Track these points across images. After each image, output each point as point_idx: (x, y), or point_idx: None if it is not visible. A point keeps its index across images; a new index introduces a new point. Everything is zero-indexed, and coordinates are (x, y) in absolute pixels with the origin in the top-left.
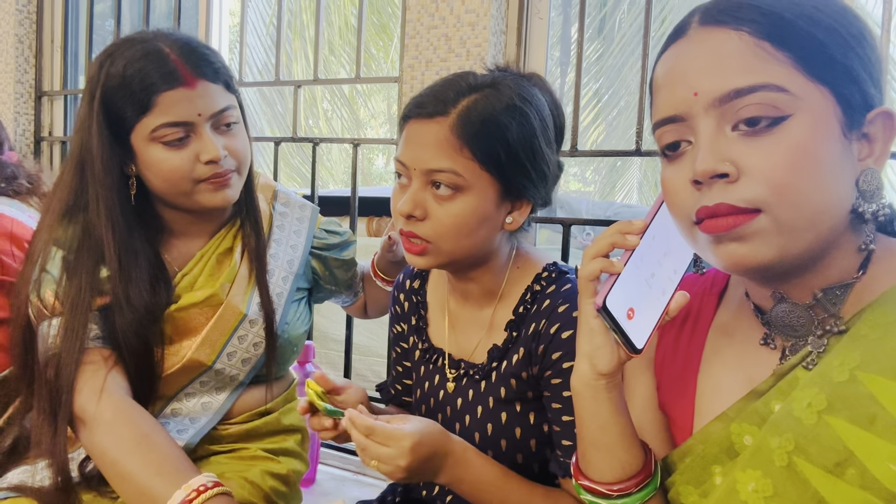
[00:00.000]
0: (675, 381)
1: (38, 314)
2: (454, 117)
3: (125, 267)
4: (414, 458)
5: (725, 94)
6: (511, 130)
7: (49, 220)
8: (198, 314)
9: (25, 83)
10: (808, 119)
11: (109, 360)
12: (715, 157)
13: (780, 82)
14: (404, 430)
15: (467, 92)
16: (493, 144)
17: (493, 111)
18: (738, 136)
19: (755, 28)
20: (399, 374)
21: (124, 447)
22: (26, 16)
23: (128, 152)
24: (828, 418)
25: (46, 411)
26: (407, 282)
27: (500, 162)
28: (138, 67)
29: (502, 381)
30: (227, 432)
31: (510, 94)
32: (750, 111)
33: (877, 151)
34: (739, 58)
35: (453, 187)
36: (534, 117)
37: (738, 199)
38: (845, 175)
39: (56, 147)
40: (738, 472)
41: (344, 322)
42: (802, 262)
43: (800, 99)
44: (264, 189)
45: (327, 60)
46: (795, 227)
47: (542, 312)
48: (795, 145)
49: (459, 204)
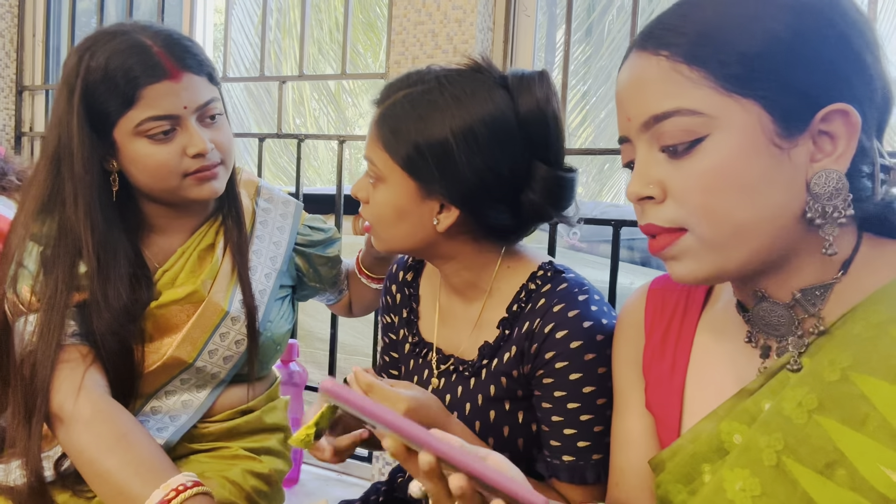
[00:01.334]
0: (662, 381)
1: (14, 310)
2: (380, 111)
3: (103, 266)
4: None
5: (647, 119)
6: (422, 131)
7: (24, 215)
8: (179, 311)
9: (6, 78)
10: (725, 138)
11: (87, 358)
12: (642, 180)
13: (692, 105)
14: (401, 394)
15: (404, 87)
16: (400, 142)
17: (411, 109)
18: (665, 158)
19: (673, 51)
20: (386, 363)
21: (102, 446)
22: (7, 10)
23: (109, 148)
24: (818, 418)
25: (22, 410)
26: (400, 273)
27: (410, 160)
28: (121, 60)
29: (492, 379)
30: (208, 430)
31: (443, 93)
32: (668, 137)
33: (839, 149)
34: (656, 83)
35: (374, 176)
36: (456, 120)
37: (663, 220)
38: (779, 183)
39: (37, 142)
40: (726, 470)
41: (329, 321)
42: (757, 269)
43: (715, 118)
44: (247, 185)
45: (316, 60)
46: (721, 243)
47: (536, 311)
48: (710, 166)
49: (379, 193)
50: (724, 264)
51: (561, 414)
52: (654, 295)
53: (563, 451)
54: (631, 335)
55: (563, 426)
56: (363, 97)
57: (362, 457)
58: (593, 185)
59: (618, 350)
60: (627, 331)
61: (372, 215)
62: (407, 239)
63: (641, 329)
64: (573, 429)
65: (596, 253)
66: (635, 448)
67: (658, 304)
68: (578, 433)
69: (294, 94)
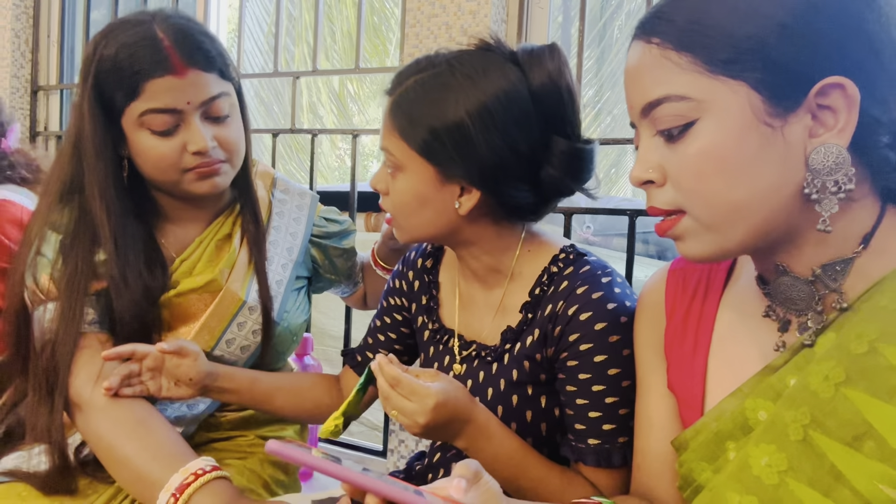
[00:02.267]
0: (684, 360)
1: (34, 298)
2: (392, 100)
3: (121, 249)
4: (434, 417)
5: (643, 107)
6: (437, 114)
7: (45, 202)
8: (197, 300)
9: (21, 78)
10: (714, 121)
11: (107, 345)
12: (642, 165)
13: (681, 91)
14: (430, 388)
15: (414, 73)
16: (416, 128)
17: (424, 94)
18: (663, 142)
19: (662, 38)
20: (370, 345)
21: (121, 432)
22: (23, 10)
23: (120, 135)
24: (846, 391)
25: (42, 394)
26: (419, 260)
27: (427, 145)
28: (130, 52)
29: (515, 364)
30: (225, 419)
31: (454, 75)
32: (662, 122)
33: (840, 123)
34: (649, 70)
35: (392, 166)
36: (471, 99)
37: (663, 203)
38: (772, 162)
39: (52, 141)
40: (752, 446)
41: (342, 318)
42: (760, 246)
43: (704, 102)
44: (263, 176)
45: (323, 63)
46: (718, 223)
47: (559, 294)
48: (700, 149)
49: (399, 182)
50: (723, 243)
51: (586, 396)
52: (675, 275)
53: (588, 434)
54: (652, 316)
55: (588, 409)
56: (371, 104)
57: (377, 451)
58: (604, 184)
59: (639, 332)
60: (648, 312)
61: (393, 205)
62: (430, 225)
63: (662, 310)
64: (598, 411)
65: (609, 247)
66: (657, 430)
67: (679, 284)
68: (603, 416)
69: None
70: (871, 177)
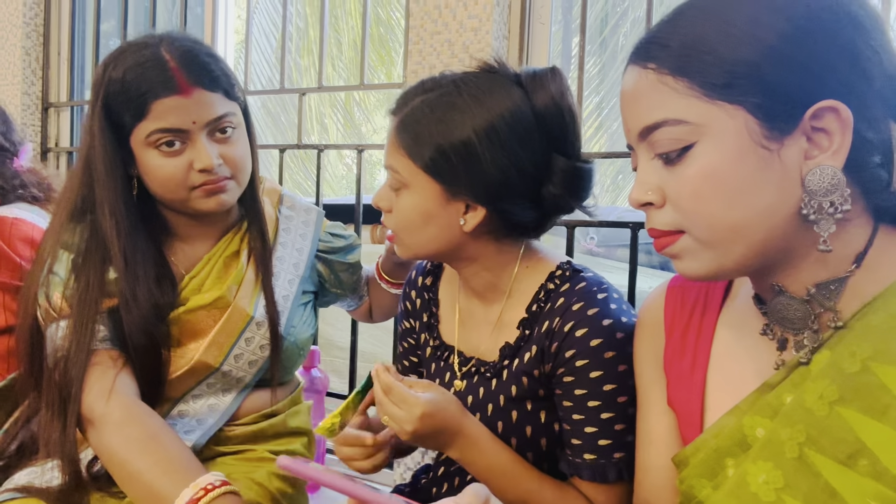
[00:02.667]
0: (683, 377)
1: (46, 316)
2: (398, 119)
3: (131, 266)
4: (421, 426)
5: (641, 130)
6: (443, 133)
7: (57, 221)
8: (205, 316)
9: (32, 95)
10: (711, 144)
11: (118, 362)
12: (641, 187)
13: (678, 115)
14: (418, 398)
15: (420, 93)
16: (423, 146)
17: (430, 113)
18: (661, 165)
19: (659, 63)
20: (405, 368)
21: (133, 447)
22: (33, 28)
23: (129, 155)
24: (840, 409)
25: (55, 410)
26: (419, 279)
27: (434, 163)
28: (137, 73)
29: (514, 379)
30: (234, 434)
31: (461, 94)
32: (660, 145)
33: (834, 145)
34: (646, 95)
35: (397, 184)
36: (477, 119)
37: (662, 224)
38: (770, 183)
39: (63, 157)
40: (749, 464)
41: (349, 329)
42: (758, 266)
43: (701, 125)
44: (270, 193)
45: (332, 78)
46: (716, 243)
47: (555, 310)
48: (698, 172)
49: (403, 199)
50: (721, 262)
51: (582, 412)
52: (674, 292)
53: (584, 449)
54: (651, 333)
55: (583, 424)
56: (378, 114)
57: None
58: (607, 195)
59: (639, 348)
60: (647, 329)
61: (396, 223)
62: (432, 242)
63: (661, 327)
64: (594, 427)
65: (613, 258)
66: (658, 446)
67: (677, 301)
68: (599, 431)
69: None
70: (863, 196)
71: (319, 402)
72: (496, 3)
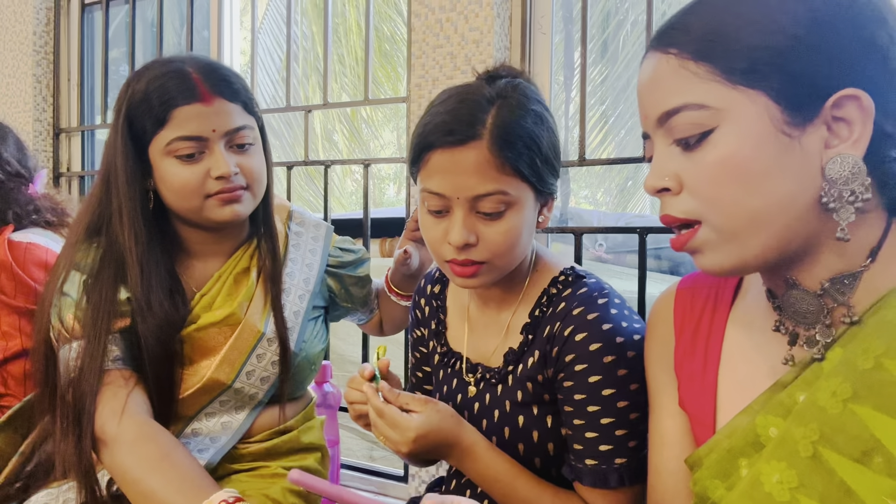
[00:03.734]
0: (695, 378)
1: (59, 338)
2: (488, 137)
3: (146, 275)
4: (415, 447)
5: (660, 116)
6: (539, 134)
7: (72, 240)
8: (217, 333)
9: (44, 121)
10: (733, 129)
11: (130, 381)
12: (657, 173)
13: (699, 100)
14: (410, 422)
15: (487, 107)
16: (529, 154)
17: (520, 119)
18: (679, 151)
19: (680, 48)
20: (419, 379)
21: (146, 466)
22: (43, 56)
23: (147, 167)
24: (853, 407)
25: (70, 430)
26: (428, 287)
27: (536, 169)
28: (159, 84)
29: (519, 385)
30: (248, 451)
31: (523, 96)
32: (679, 131)
33: (854, 134)
34: (666, 80)
35: (504, 206)
36: (547, 113)
37: (678, 211)
38: (790, 171)
39: (74, 182)
40: (763, 463)
41: (360, 343)
42: (778, 258)
43: (722, 110)
44: (279, 210)
45: (337, 94)
46: (737, 233)
47: (556, 315)
48: (719, 157)
49: (509, 220)
50: (743, 254)
51: (582, 417)
52: (683, 294)
53: (585, 454)
54: (661, 335)
55: (584, 429)
56: (384, 129)
57: (398, 476)
58: (615, 202)
59: (649, 351)
60: (658, 331)
61: (496, 247)
62: (524, 252)
63: (671, 328)
64: (594, 432)
65: (622, 264)
66: (670, 448)
67: (687, 302)
68: (600, 437)
69: (316, 128)
70: (879, 190)
71: (332, 418)
72: (497, 14)
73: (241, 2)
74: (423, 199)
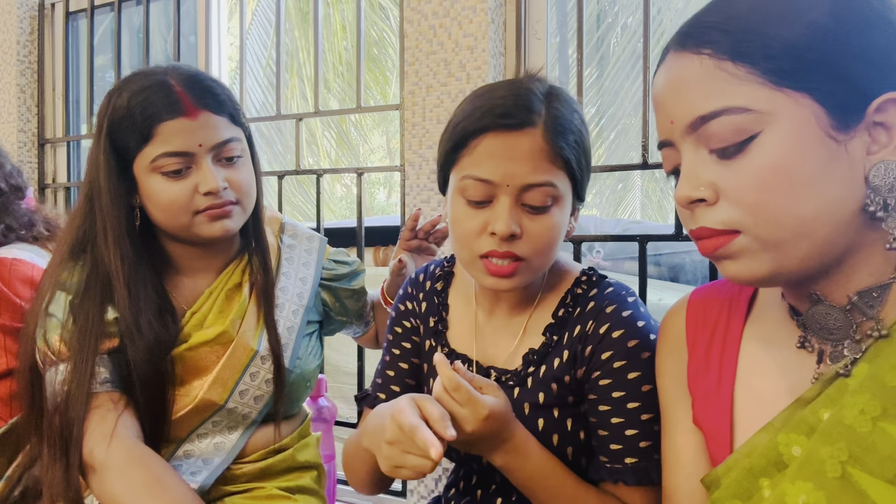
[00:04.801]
0: (709, 395)
1: (45, 360)
2: (543, 127)
3: (134, 297)
4: (484, 426)
5: (693, 121)
6: (583, 134)
7: (57, 257)
8: (208, 353)
9: (28, 132)
10: (779, 133)
11: (119, 404)
12: (691, 183)
13: (742, 103)
14: (486, 401)
15: (543, 99)
16: (577, 151)
17: (571, 116)
18: (715, 159)
19: (715, 48)
20: (398, 374)
21: (136, 492)
22: (28, 66)
23: (132, 184)
24: (884, 425)
25: (57, 454)
26: (428, 282)
27: (581, 167)
28: (142, 98)
29: (541, 387)
30: (242, 472)
31: (569, 98)
32: (717, 136)
33: (895, 140)
34: (701, 83)
35: (550, 199)
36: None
37: (717, 223)
38: (837, 177)
39: (60, 193)
40: (787, 484)
41: (355, 354)
42: (816, 268)
43: (767, 114)
44: (271, 222)
45: (325, 98)
46: (781, 240)
47: (587, 314)
48: (766, 163)
49: (553, 217)
50: (782, 262)
51: (621, 415)
52: (695, 307)
53: (625, 453)
54: (673, 349)
55: (624, 427)
56: (374, 133)
57: (397, 491)
58: (607, 205)
59: (661, 365)
60: (669, 345)
61: (539, 243)
62: (555, 256)
63: (683, 343)
64: (635, 429)
65: (620, 271)
66: (685, 467)
67: (699, 315)
68: (640, 433)
69: (306, 134)
70: None
71: (328, 432)
72: (491, 20)
73: (228, 8)
74: (461, 188)
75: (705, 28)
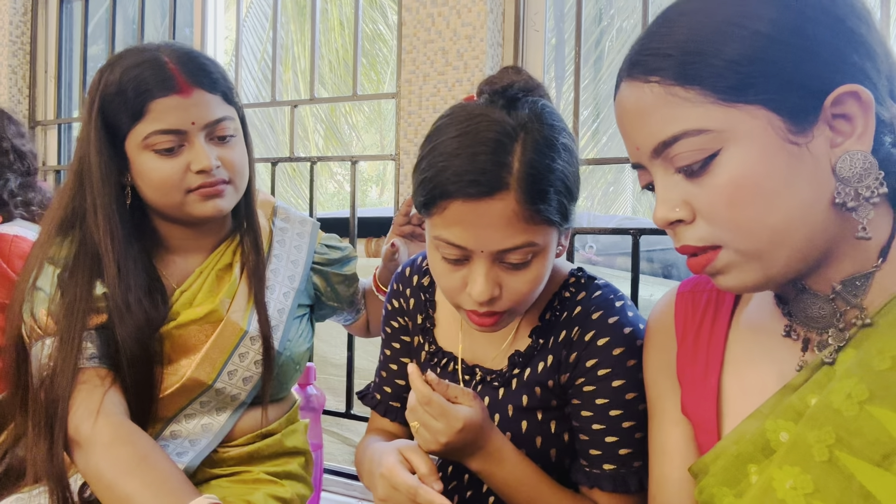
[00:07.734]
0: (697, 383)
1: (32, 333)
2: (516, 188)
3: (124, 274)
4: (457, 438)
5: (656, 146)
6: (568, 173)
7: (44, 234)
8: (197, 331)
9: (19, 113)
10: (739, 148)
11: (106, 380)
12: (666, 205)
13: (697, 125)
14: (459, 413)
15: (510, 145)
16: (559, 199)
17: (550, 162)
18: (683, 178)
19: (662, 75)
20: (389, 374)
21: (122, 469)
22: (20, 47)
23: (124, 161)
24: (871, 408)
25: (42, 431)
26: (414, 277)
27: (565, 211)
28: (134, 74)
29: (525, 389)
30: (229, 455)
31: (549, 127)
32: (680, 158)
33: (858, 129)
34: (656, 110)
35: (531, 255)
36: (571, 141)
37: (697, 240)
38: (803, 179)
39: (51, 176)
40: (775, 469)
41: (344, 345)
42: (803, 268)
43: (724, 131)
44: (263, 205)
45: (318, 91)
46: (760, 251)
47: (573, 319)
48: (730, 180)
49: (535, 269)
50: (767, 271)
51: (602, 422)
52: (683, 298)
53: (603, 459)
54: (662, 341)
55: (604, 434)
56: (368, 130)
57: None
58: (600, 205)
59: (649, 358)
60: (658, 337)
61: (520, 296)
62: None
63: (672, 334)
64: (615, 436)
65: (613, 266)
66: (672, 457)
67: (688, 306)
68: (620, 440)
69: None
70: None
71: (316, 421)
72: (490, 10)
73: (225, 0)
74: (435, 244)
75: (650, 56)
